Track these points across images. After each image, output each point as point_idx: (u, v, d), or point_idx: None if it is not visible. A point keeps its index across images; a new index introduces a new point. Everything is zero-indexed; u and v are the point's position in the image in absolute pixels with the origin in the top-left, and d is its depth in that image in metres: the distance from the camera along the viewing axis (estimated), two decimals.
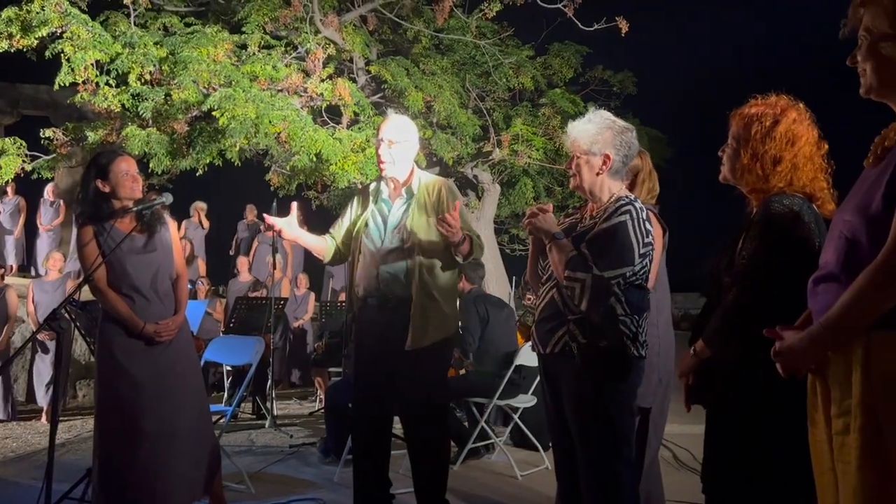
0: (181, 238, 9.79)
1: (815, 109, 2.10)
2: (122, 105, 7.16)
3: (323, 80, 7.30)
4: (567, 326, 2.44)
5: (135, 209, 3.12)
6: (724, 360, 2.01)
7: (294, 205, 3.28)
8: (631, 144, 2.52)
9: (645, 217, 2.45)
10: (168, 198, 3.23)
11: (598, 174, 2.51)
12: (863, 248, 1.55)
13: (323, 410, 5.76)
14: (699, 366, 2.10)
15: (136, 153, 7.19)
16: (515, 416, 5.02)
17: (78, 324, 4.40)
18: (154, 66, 7.11)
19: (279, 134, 6.84)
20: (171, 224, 3.31)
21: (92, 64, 6.92)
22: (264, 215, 3.32)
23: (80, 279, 3.24)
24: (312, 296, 9.28)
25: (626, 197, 2.49)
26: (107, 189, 3.11)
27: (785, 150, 2.02)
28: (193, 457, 3.13)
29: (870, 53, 1.62)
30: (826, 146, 2.08)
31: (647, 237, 2.44)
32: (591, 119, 2.54)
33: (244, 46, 7.55)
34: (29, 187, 9.89)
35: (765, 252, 1.95)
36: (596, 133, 2.50)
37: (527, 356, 4.57)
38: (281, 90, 7.19)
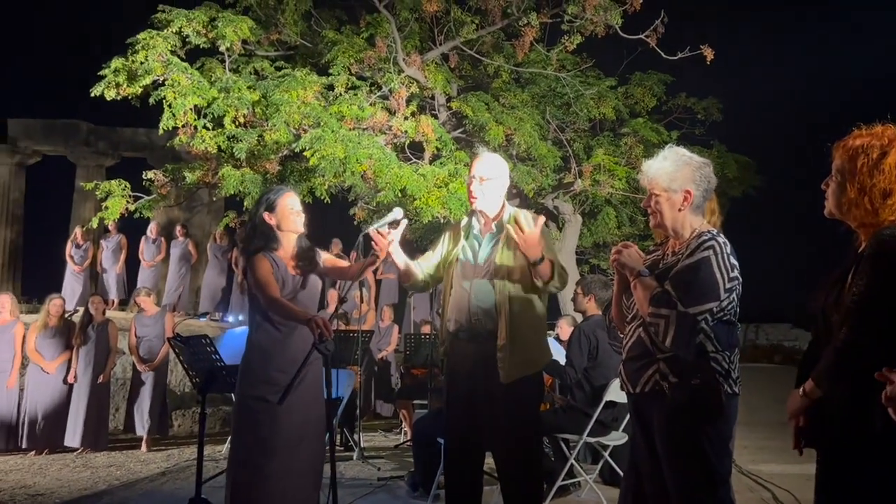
0: None
1: None
2: (218, 146, 7.54)
3: (407, 118, 7.49)
4: (657, 365, 2.42)
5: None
6: (836, 402, 1.92)
7: (404, 222, 3.31)
8: (710, 179, 2.53)
9: (729, 251, 2.43)
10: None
11: (679, 210, 2.51)
12: None
13: (409, 443, 5.80)
14: (809, 406, 2.02)
15: (231, 192, 7.55)
16: (605, 454, 4.90)
17: (181, 357, 4.61)
18: (248, 108, 7.47)
19: (365, 171, 7.04)
20: (323, 257, 3.42)
21: (191, 109, 7.34)
22: (377, 228, 3.23)
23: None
24: (396, 328, 9.41)
25: (709, 232, 2.47)
26: (272, 221, 3.28)
27: (895, 183, 1.95)
28: (310, 479, 3.20)
29: None
30: None
31: (733, 271, 2.41)
32: (666, 157, 2.55)
33: (331, 87, 7.84)
34: (125, 224, 10.48)
35: (877, 288, 1.87)
36: (674, 170, 2.51)
37: (617, 392, 4.46)
38: (367, 129, 7.42)
